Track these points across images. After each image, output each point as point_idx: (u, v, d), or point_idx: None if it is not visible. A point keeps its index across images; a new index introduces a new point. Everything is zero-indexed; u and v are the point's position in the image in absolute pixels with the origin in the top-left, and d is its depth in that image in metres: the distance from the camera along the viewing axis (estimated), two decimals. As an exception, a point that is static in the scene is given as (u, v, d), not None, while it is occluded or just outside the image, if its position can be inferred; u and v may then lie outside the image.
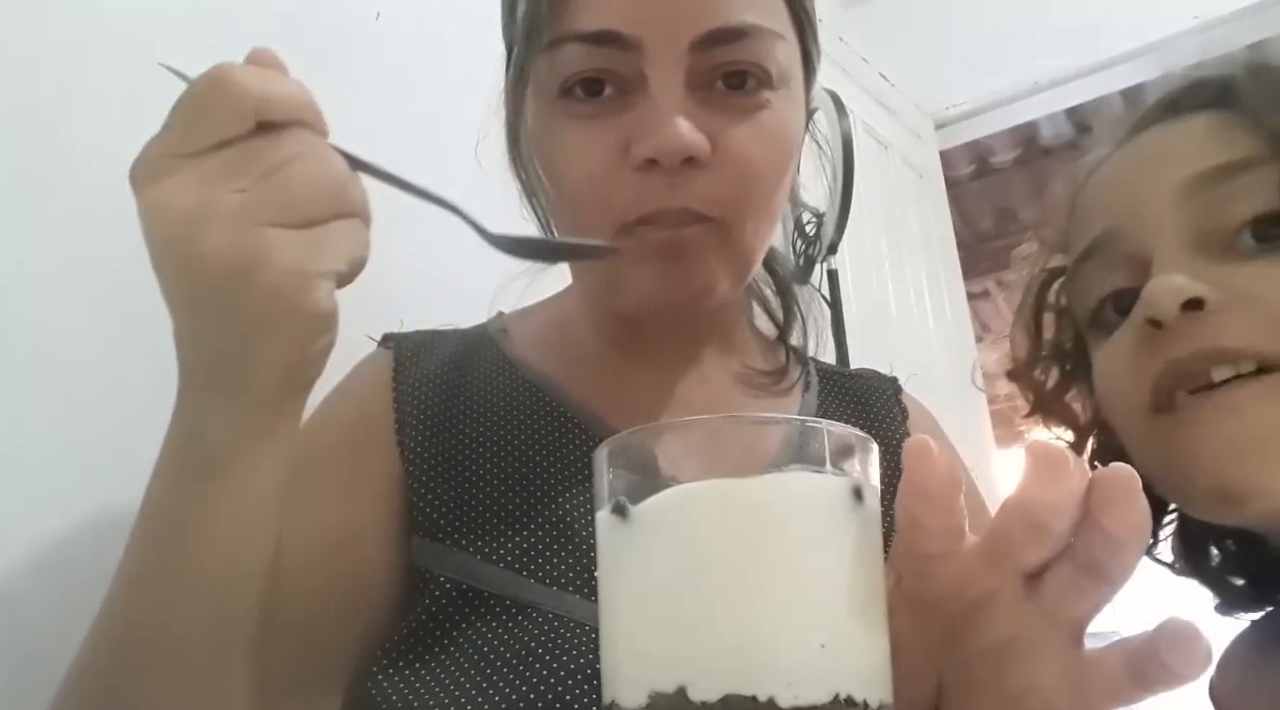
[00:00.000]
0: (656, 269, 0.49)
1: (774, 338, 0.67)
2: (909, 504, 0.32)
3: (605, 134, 0.48)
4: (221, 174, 0.33)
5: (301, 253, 0.34)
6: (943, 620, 0.34)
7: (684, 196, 0.48)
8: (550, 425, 0.55)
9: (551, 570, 0.48)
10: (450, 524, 0.50)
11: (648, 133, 0.47)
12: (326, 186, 0.35)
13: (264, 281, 0.33)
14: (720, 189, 0.49)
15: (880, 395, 0.67)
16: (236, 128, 0.33)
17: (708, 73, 0.49)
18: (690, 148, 0.46)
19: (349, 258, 0.36)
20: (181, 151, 0.33)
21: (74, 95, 0.63)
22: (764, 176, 0.50)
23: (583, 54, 0.48)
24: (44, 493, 0.56)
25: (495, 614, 0.46)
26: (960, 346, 2.10)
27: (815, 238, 1.18)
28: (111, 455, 0.60)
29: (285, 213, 0.33)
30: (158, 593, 0.39)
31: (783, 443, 0.31)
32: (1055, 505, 0.30)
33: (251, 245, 0.32)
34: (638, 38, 0.47)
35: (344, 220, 0.35)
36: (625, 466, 0.32)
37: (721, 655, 0.28)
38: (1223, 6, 1.96)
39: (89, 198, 0.62)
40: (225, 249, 0.32)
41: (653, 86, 0.48)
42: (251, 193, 0.33)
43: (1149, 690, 0.30)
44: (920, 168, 2.15)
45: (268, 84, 0.34)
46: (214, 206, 0.32)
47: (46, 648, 0.54)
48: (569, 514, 0.51)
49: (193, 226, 0.32)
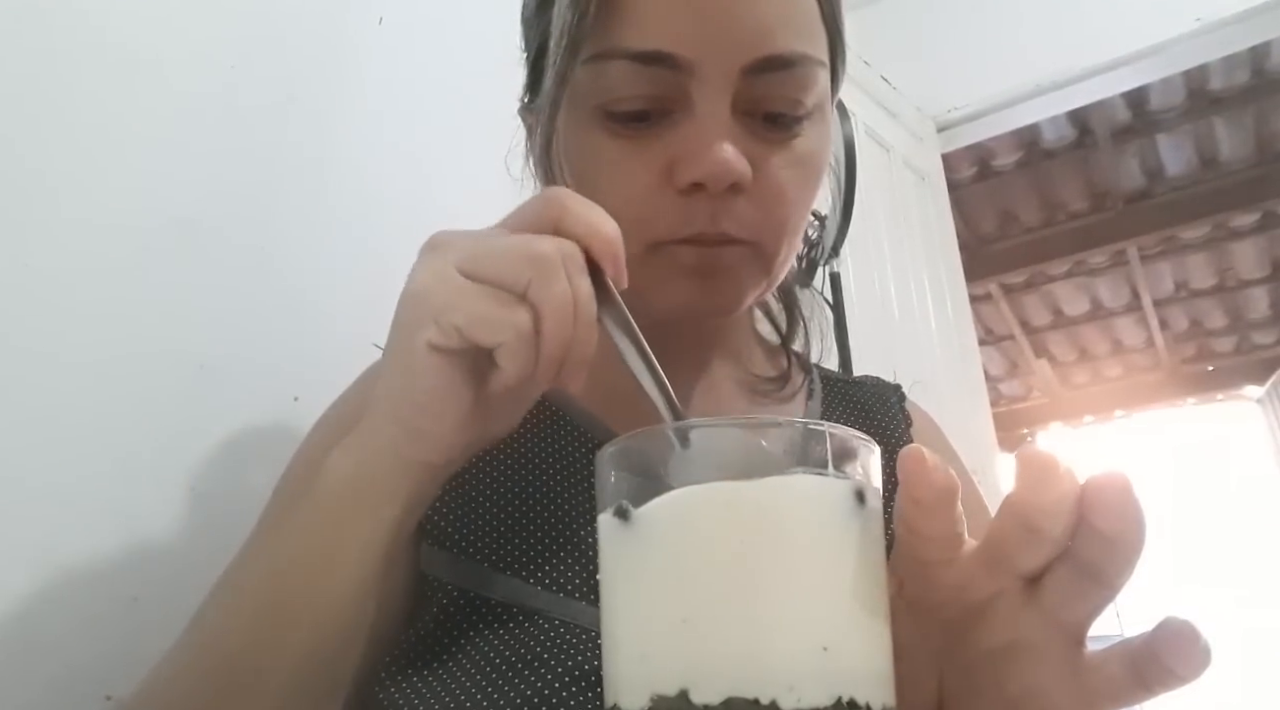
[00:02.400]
0: (688, 285, 0.50)
1: (777, 344, 0.67)
2: (907, 513, 0.32)
3: (648, 155, 0.48)
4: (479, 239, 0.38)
5: (449, 297, 0.36)
6: (944, 625, 0.34)
7: (724, 222, 0.48)
8: (554, 431, 0.55)
9: (559, 577, 0.48)
10: (457, 532, 0.50)
11: (695, 156, 0.47)
12: (516, 254, 0.37)
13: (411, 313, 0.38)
14: (757, 216, 0.49)
15: (884, 402, 0.67)
16: (526, 227, 0.38)
17: (754, 101, 0.48)
18: (737, 175, 0.47)
19: (474, 321, 0.36)
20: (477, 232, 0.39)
21: (75, 97, 0.63)
22: (797, 202, 0.51)
23: (631, 73, 0.47)
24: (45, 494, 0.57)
25: (502, 621, 0.46)
26: (963, 349, 2.10)
27: (818, 241, 1.18)
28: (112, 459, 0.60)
29: (473, 264, 0.37)
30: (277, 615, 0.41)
31: (785, 445, 0.32)
32: (1048, 509, 0.30)
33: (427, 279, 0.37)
34: (690, 60, 0.47)
35: (513, 301, 0.36)
36: (627, 469, 0.32)
37: (724, 658, 0.28)
38: (1225, 8, 1.96)
39: (90, 200, 0.62)
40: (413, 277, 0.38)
41: (699, 109, 0.47)
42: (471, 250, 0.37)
43: (1151, 692, 0.30)
44: (922, 170, 2.15)
45: (582, 210, 0.38)
46: (446, 254, 0.37)
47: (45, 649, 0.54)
48: (574, 520, 0.51)
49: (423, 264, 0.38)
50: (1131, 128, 3.33)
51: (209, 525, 0.63)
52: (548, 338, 0.36)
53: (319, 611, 0.40)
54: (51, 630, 0.55)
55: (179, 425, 0.63)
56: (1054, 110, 2.31)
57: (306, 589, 0.40)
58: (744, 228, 0.49)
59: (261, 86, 0.77)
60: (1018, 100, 2.20)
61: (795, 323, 0.67)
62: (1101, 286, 4.40)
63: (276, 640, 0.40)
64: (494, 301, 0.36)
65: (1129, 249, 3.97)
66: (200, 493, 0.63)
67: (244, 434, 0.67)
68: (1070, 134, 3.37)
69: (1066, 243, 3.97)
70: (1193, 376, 5.23)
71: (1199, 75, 3.00)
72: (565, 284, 0.36)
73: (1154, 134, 3.37)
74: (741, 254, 0.50)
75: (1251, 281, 4.31)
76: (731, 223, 0.48)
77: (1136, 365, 5.19)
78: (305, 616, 0.40)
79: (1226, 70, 2.99)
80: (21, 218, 0.59)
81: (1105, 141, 3.36)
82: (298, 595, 0.40)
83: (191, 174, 0.69)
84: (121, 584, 0.58)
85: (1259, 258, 4.12)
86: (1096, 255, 4.06)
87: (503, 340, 0.36)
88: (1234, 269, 4.23)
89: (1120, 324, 4.74)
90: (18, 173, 0.59)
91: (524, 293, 0.36)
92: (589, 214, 0.38)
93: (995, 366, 5.12)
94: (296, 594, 0.40)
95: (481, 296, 0.36)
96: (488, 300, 0.36)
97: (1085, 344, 4.99)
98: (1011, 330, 4.72)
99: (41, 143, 0.61)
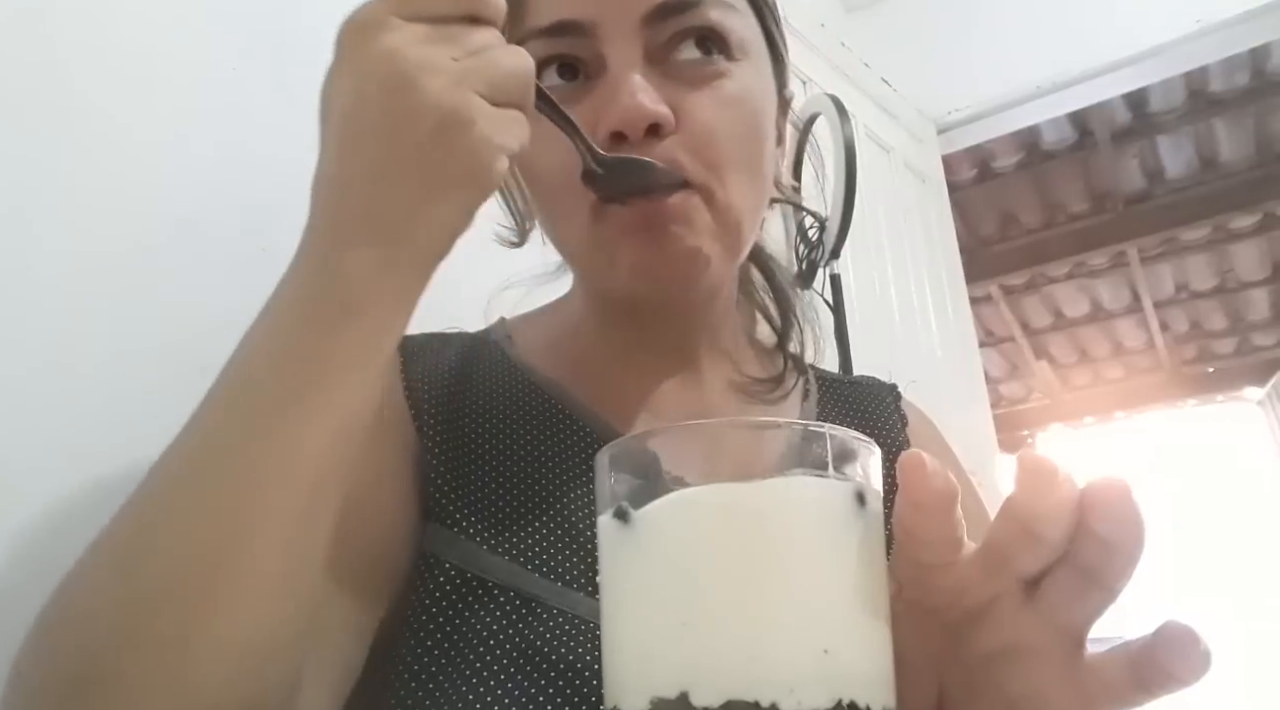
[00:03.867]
0: (638, 243, 0.50)
1: (773, 346, 0.67)
2: (905, 517, 0.32)
3: (574, 116, 0.49)
4: (441, 42, 0.36)
5: (498, 124, 0.37)
6: (943, 628, 0.34)
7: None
8: (556, 427, 0.56)
9: (557, 566, 0.48)
10: (460, 511, 0.50)
11: (608, 106, 0.48)
12: (521, 76, 0.38)
13: (464, 141, 0.36)
14: (685, 155, 0.49)
15: (880, 402, 0.68)
16: (455, 8, 0.37)
17: (664, 46, 0.50)
18: (651, 115, 0.47)
19: (521, 143, 0.38)
20: (405, 14, 0.36)
21: (75, 98, 0.63)
22: (731, 138, 0.51)
23: (544, 49, 0.50)
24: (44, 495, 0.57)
25: (500, 604, 0.46)
26: (963, 350, 2.10)
27: (818, 242, 1.18)
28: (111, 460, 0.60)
29: (490, 87, 0.37)
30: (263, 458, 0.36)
31: (785, 447, 0.32)
32: (1047, 513, 0.30)
33: (465, 104, 0.35)
34: (591, 21, 0.49)
35: (523, 111, 0.38)
36: (627, 471, 0.32)
37: (724, 660, 0.28)
38: (1224, 10, 1.96)
39: (90, 200, 0.62)
40: (442, 98, 0.35)
41: (611, 66, 0.49)
42: (464, 63, 0.36)
43: (1151, 694, 0.30)
44: (922, 172, 2.15)
45: None
46: (438, 64, 0.35)
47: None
48: (574, 514, 0.51)
49: (417, 77, 0.35)
50: (1132, 129, 3.34)
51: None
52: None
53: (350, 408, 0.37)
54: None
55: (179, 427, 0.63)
56: (1054, 112, 2.31)
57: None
58: (675, 167, 0.49)
59: (261, 87, 0.77)
60: (1018, 102, 2.20)
61: (790, 324, 0.67)
62: (1102, 288, 4.40)
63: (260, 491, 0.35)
64: (523, 127, 0.38)
65: (1129, 250, 3.97)
66: (200, 494, 0.63)
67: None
68: (1070, 136, 3.38)
69: (1067, 244, 3.97)
70: (1193, 378, 5.23)
71: (1199, 77, 3.01)
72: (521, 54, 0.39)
73: (1154, 135, 3.37)
74: (686, 198, 0.49)
75: (1252, 283, 4.31)
76: (661, 162, 0.48)
77: (1137, 367, 5.20)
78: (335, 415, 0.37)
79: (1227, 72, 2.99)
80: (22, 218, 0.59)
81: (1105, 143, 3.36)
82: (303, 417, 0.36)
83: (192, 174, 0.69)
84: (121, 585, 0.58)
85: (1259, 259, 4.12)
86: (1097, 257, 4.06)
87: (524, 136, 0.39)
88: (1234, 270, 4.24)
89: (1120, 325, 4.74)
90: (18, 173, 0.59)
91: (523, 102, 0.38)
92: None
93: (995, 368, 5.12)
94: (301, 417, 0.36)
95: (516, 120, 0.38)
96: (521, 124, 0.38)
97: (1085, 345, 4.99)
98: (1012, 332, 4.72)
99: (42, 144, 0.61)
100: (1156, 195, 3.75)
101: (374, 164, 0.36)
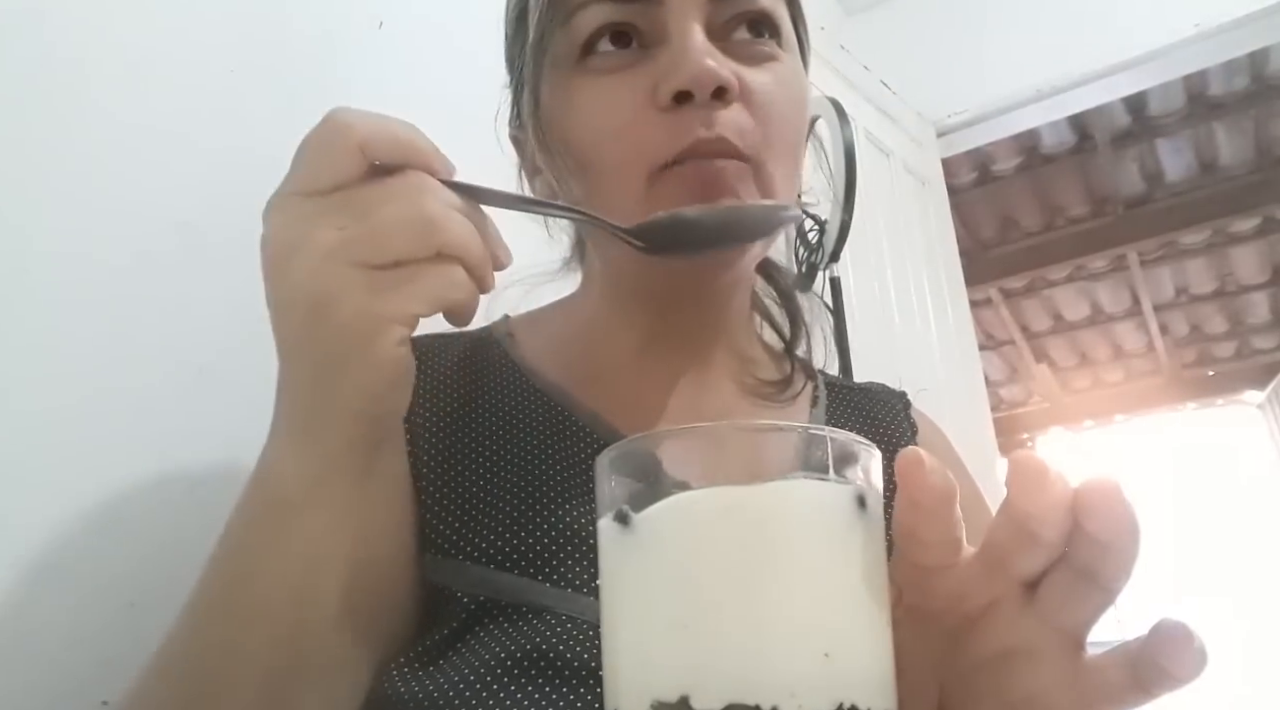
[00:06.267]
0: (698, 198, 0.49)
1: (781, 349, 0.67)
2: (904, 518, 0.32)
3: (633, 81, 0.50)
4: (327, 212, 0.35)
5: (375, 295, 0.35)
6: (943, 632, 0.34)
7: (719, 127, 0.49)
8: (559, 432, 0.55)
9: (566, 572, 0.48)
10: (461, 537, 0.50)
11: (676, 67, 0.48)
12: (414, 227, 0.35)
13: (335, 319, 0.34)
14: (749, 124, 0.50)
15: (890, 410, 0.67)
16: (348, 170, 0.35)
17: (723, 25, 0.51)
18: (721, 78, 0.48)
19: (432, 300, 0.36)
20: (302, 191, 0.35)
21: (76, 99, 0.63)
22: (785, 119, 0.52)
23: (607, 13, 0.50)
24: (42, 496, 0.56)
25: (511, 620, 0.46)
26: (963, 354, 2.10)
27: (818, 245, 1.18)
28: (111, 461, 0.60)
29: (374, 253, 0.34)
30: (227, 620, 0.40)
31: (786, 450, 0.31)
32: (1041, 514, 0.30)
33: (327, 281, 0.34)
34: None
35: (435, 263, 0.36)
36: (627, 474, 0.32)
37: (724, 664, 0.28)
38: (1223, 14, 1.96)
39: (91, 202, 0.62)
40: (306, 282, 0.34)
41: (674, 33, 0.50)
42: (347, 231, 0.34)
43: (1150, 694, 0.30)
44: (922, 175, 2.15)
45: (372, 126, 0.36)
46: (310, 242, 0.34)
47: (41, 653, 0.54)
48: (578, 519, 0.51)
49: (287, 259, 0.34)
50: (1131, 133, 3.34)
51: (207, 529, 0.62)
52: (477, 269, 0.37)
53: (273, 603, 0.40)
54: (47, 634, 0.54)
55: (179, 428, 0.63)
56: (1054, 115, 2.31)
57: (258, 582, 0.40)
58: (740, 135, 0.49)
59: (262, 89, 0.77)
60: (1018, 105, 2.20)
61: (799, 327, 0.67)
62: (1102, 291, 4.40)
63: (229, 641, 0.40)
64: (435, 278, 0.36)
65: (1129, 254, 3.98)
66: (199, 496, 0.63)
67: (244, 437, 0.67)
68: (1070, 139, 3.38)
69: (1066, 247, 3.98)
70: (1193, 381, 5.23)
71: (1198, 80, 3.01)
72: (460, 220, 0.37)
73: (1154, 139, 3.37)
74: (741, 170, 0.49)
75: (1251, 286, 4.32)
76: (726, 128, 0.49)
77: (1137, 370, 5.20)
78: (261, 610, 0.40)
79: (1226, 75, 3.00)
80: (22, 219, 0.58)
81: (1105, 146, 3.37)
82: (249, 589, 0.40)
83: (192, 176, 0.69)
84: (118, 588, 0.58)
85: (1259, 263, 4.13)
86: (1096, 260, 4.06)
87: (459, 298, 0.37)
88: (1234, 274, 4.24)
89: (1120, 329, 4.74)
90: (18, 174, 0.59)
91: (436, 253, 0.36)
92: (385, 131, 0.37)
93: (995, 371, 5.12)
94: (248, 588, 0.40)
95: (417, 277, 0.36)
96: (428, 278, 0.36)
97: (1085, 349, 4.99)
98: (1012, 335, 4.73)
99: (42, 145, 0.61)
100: (1156, 198, 3.76)
101: (281, 352, 0.38)
